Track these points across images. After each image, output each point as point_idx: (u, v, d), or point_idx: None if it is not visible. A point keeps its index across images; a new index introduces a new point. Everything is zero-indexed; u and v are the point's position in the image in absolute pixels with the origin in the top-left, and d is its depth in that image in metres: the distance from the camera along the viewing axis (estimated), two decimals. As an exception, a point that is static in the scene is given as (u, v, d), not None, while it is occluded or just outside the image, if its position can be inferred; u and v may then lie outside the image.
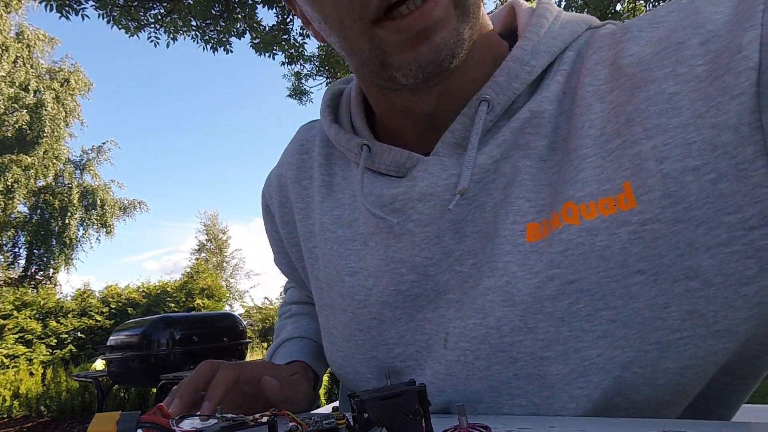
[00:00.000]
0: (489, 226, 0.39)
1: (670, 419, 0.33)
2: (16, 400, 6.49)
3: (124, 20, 5.38)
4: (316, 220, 0.51)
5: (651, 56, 0.33)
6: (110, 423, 0.30)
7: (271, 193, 0.58)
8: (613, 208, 0.32)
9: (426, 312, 0.42)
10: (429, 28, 0.33)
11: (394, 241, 0.43)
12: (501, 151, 0.39)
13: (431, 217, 0.41)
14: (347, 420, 0.36)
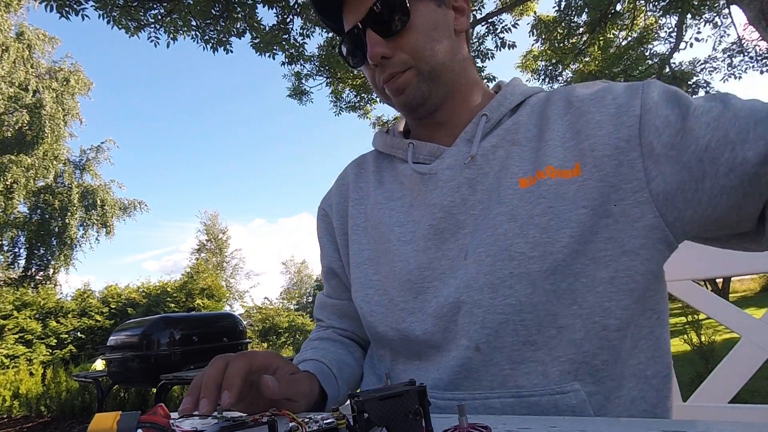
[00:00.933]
0: (493, 185, 0.62)
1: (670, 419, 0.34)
2: (16, 400, 6.49)
3: (124, 20, 5.37)
4: (369, 203, 0.75)
5: (588, 99, 0.61)
6: (110, 423, 0.30)
7: (330, 201, 0.82)
8: (569, 174, 0.58)
9: (449, 243, 0.63)
10: (398, 89, 0.67)
11: (429, 192, 0.66)
12: (496, 141, 0.65)
13: (453, 176, 0.65)
14: (347, 420, 0.36)
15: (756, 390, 3.17)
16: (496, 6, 8.22)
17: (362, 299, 0.70)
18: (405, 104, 0.68)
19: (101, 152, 16.70)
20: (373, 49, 0.64)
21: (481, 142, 0.65)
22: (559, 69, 10.25)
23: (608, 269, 0.54)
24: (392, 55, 0.65)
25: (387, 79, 0.67)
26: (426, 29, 0.65)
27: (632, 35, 9.65)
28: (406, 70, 0.65)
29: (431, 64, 0.65)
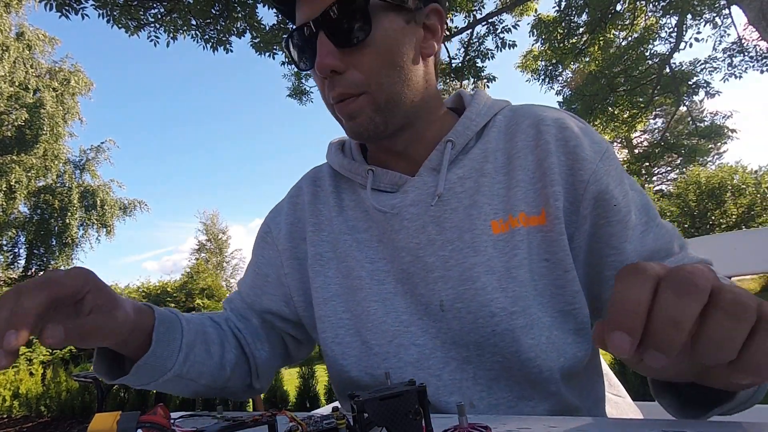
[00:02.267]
0: (463, 222, 0.58)
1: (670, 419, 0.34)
2: (16, 400, 6.49)
3: (124, 19, 5.37)
4: (332, 230, 0.67)
5: (553, 138, 0.58)
6: (110, 423, 0.30)
7: (279, 219, 0.73)
8: (535, 221, 0.57)
9: (420, 288, 0.59)
10: (349, 114, 0.58)
11: (395, 233, 0.61)
12: (464, 172, 0.60)
13: (418, 215, 0.60)
14: (347, 420, 0.36)
15: (756, 390, 3.17)
16: (496, 6, 8.23)
17: (332, 340, 0.63)
18: (355, 132, 0.60)
19: (101, 152, 16.70)
20: (323, 59, 0.54)
21: (447, 173, 0.60)
22: (559, 69, 10.25)
23: (575, 321, 0.57)
24: (344, 70, 0.55)
25: (337, 99, 0.57)
26: (388, 48, 0.56)
27: (632, 35, 9.65)
28: (360, 94, 0.56)
29: (388, 93, 0.57)
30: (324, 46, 0.54)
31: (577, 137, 0.58)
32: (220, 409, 0.45)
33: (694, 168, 12.54)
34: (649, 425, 0.32)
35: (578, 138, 0.58)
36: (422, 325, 0.58)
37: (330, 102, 0.60)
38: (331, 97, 0.58)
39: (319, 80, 0.60)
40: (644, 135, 20.14)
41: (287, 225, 0.71)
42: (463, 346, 0.56)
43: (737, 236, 1.06)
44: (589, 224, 0.56)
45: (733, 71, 9.42)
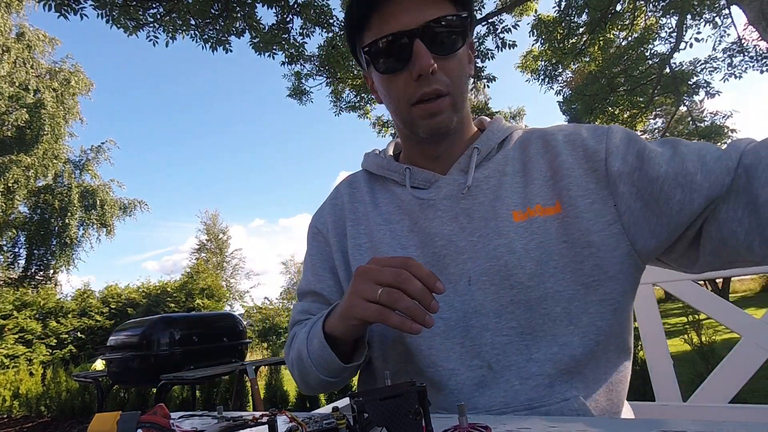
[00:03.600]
0: (488, 213, 0.68)
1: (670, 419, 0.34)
2: (16, 400, 6.49)
3: (123, 20, 5.36)
4: (368, 223, 0.77)
5: (561, 141, 0.70)
6: (110, 423, 0.30)
7: (325, 219, 0.83)
8: (551, 211, 0.66)
9: (451, 268, 0.67)
10: (436, 113, 0.69)
11: (429, 221, 0.71)
12: (488, 172, 0.71)
13: (451, 206, 0.71)
14: (347, 420, 0.36)
15: (756, 390, 3.17)
16: (496, 6, 8.22)
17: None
18: (434, 128, 0.70)
19: (101, 152, 16.70)
20: (426, 61, 0.64)
21: (474, 173, 0.71)
22: (559, 69, 10.25)
23: (597, 293, 0.63)
24: (436, 72, 0.66)
25: (429, 94, 0.66)
26: (463, 62, 0.70)
27: (632, 35, 9.65)
28: (445, 95, 0.67)
29: (461, 97, 0.70)
30: (424, 50, 0.64)
31: (580, 135, 0.70)
32: (220, 409, 0.45)
33: (694, 168, 12.45)
34: (649, 425, 0.32)
35: (582, 135, 0.70)
36: (449, 301, 0.66)
37: (413, 101, 0.68)
38: (420, 94, 0.67)
39: (402, 83, 0.68)
40: (644, 135, 20.14)
41: (332, 223, 0.81)
42: (483, 315, 0.64)
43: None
44: (625, 186, 0.63)
45: (733, 71, 9.42)
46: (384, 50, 0.67)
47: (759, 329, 1.06)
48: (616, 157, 0.64)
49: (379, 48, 0.67)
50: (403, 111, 0.71)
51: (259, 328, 13.43)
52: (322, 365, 0.65)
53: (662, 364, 1.21)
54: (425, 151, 0.76)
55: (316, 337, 0.65)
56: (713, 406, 1.05)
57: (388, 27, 0.66)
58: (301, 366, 0.69)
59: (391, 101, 0.72)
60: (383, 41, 0.66)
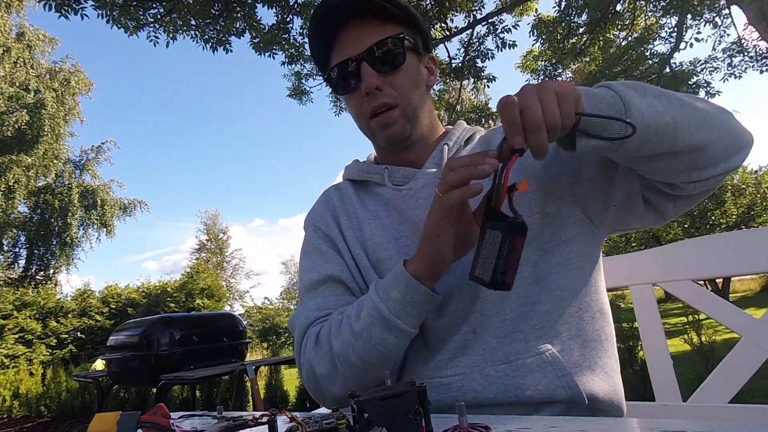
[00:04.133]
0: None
1: (670, 419, 0.34)
2: (16, 400, 6.49)
3: (123, 20, 5.36)
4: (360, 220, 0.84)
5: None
6: (110, 423, 0.30)
7: (322, 215, 0.89)
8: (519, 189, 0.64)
9: None
10: (389, 123, 0.78)
11: (412, 210, 0.79)
12: None
13: (429, 194, 0.76)
14: (347, 420, 0.36)
15: (756, 390, 3.17)
16: (496, 6, 8.22)
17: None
18: (389, 137, 0.79)
19: (101, 152, 16.70)
20: (369, 80, 0.75)
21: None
22: (559, 69, 10.25)
23: (555, 255, 0.72)
24: (383, 88, 0.76)
25: (378, 108, 0.77)
26: (412, 75, 0.79)
27: (632, 35, 9.65)
28: (394, 107, 0.77)
29: (413, 107, 0.79)
30: (368, 71, 0.75)
31: None
32: (220, 408, 0.45)
33: (694, 168, 12.45)
34: (649, 425, 0.32)
35: None
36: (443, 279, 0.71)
37: (367, 116, 0.78)
38: (369, 110, 0.77)
39: (356, 102, 0.80)
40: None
41: (330, 218, 0.88)
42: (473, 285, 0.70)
43: (737, 236, 1.07)
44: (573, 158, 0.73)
45: (732, 71, 9.42)
46: (339, 76, 0.80)
47: (759, 329, 1.06)
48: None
49: (336, 74, 0.80)
50: (364, 125, 0.82)
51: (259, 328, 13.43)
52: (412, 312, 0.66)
53: (662, 364, 1.21)
54: (397, 157, 0.85)
55: (395, 287, 0.66)
56: (713, 406, 1.05)
57: (339, 56, 0.79)
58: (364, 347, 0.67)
59: (354, 117, 0.83)
60: (336, 69, 0.79)
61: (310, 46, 0.83)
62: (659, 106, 0.60)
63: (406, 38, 0.78)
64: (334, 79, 0.81)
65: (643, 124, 0.58)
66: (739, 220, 11.34)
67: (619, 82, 0.62)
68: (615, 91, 0.59)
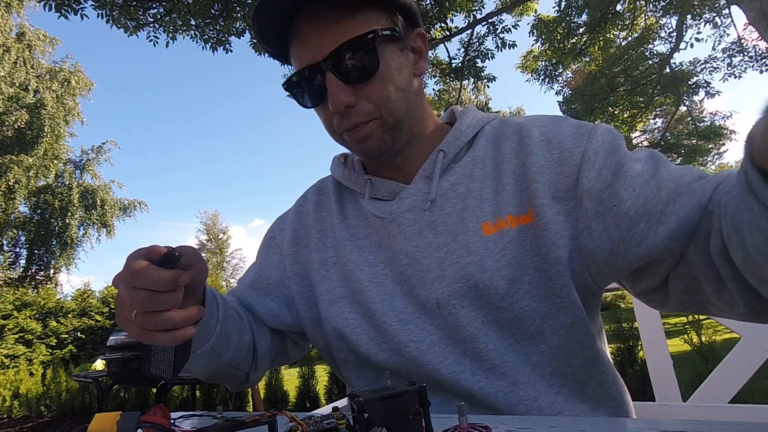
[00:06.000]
0: (456, 225, 0.62)
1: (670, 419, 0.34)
2: (16, 400, 6.49)
3: (123, 20, 5.37)
4: (335, 237, 0.72)
5: (537, 139, 0.62)
6: (110, 423, 0.30)
7: (284, 226, 0.78)
8: (525, 220, 0.60)
9: (417, 289, 0.63)
10: (362, 138, 0.63)
11: (393, 239, 0.66)
12: (455, 178, 0.65)
13: (414, 219, 0.65)
14: (347, 420, 0.36)
15: (756, 390, 3.17)
16: (496, 6, 8.22)
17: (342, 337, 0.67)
18: (367, 153, 0.65)
19: (102, 153, 16.69)
20: (337, 97, 0.59)
21: (439, 181, 0.65)
22: (559, 69, 10.25)
23: (567, 315, 0.59)
24: (356, 104, 0.60)
25: (350, 128, 0.62)
26: (392, 77, 0.61)
27: (632, 35, 9.65)
28: (371, 120, 0.62)
29: (396, 115, 0.63)
30: (335, 85, 0.59)
31: (559, 133, 0.62)
32: (220, 409, 0.45)
33: (694, 168, 12.48)
34: (649, 425, 0.32)
35: (560, 134, 0.62)
36: (420, 324, 0.62)
37: (339, 132, 0.64)
38: (343, 128, 0.63)
39: (325, 115, 0.65)
40: (644, 135, 20.13)
41: (291, 231, 0.76)
42: (459, 341, 0.60)
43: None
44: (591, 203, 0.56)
45: (732, 71, 9.42)
46: (300, 85, 0.64)
47: (759, 329, 1.06)
48: (591, 167, 0.57)
49: (296, 84, 0.64)
50: (338, 138, 0.67)
51: (259, 328, 13.40)
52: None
53: (662, 364, 1.21)
54: (386, 162, 0.69)
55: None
56: (713, 406, 1.05)
57: (299, 61, 0.62)
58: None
59: (326, 129, 0.67)
60: (296, 78, 0.63)
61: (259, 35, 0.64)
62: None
63: (378, 34, 0.59)
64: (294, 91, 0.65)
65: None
66: (739, 220, 11.29)
67: None
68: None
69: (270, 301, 0.73)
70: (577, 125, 0.62)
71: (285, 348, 0.78)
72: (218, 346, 0.61)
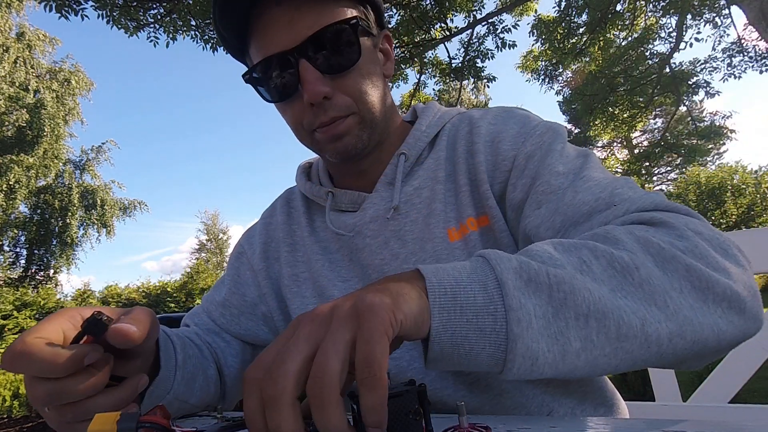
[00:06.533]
0: (423, 232, 0.60)
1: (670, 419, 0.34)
2: (16, 400, 6.48)
3: (123, 20, 5.37)
4: (306, 251, 0.68)
5: (482, 139, 0.61)
6: (110, 423, 0.30)
7: (253, 240, 0.74)
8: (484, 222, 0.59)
9: None
10: (340, 135, 0.57)
11: (360, 253, 0.63)
12: (419, 182, 0.62)
13: (379, 231, 0.61)
14: (347, 420, 0.36)
15: (756, 390, 3.17)
16: (496, 6, 8.22)
17: None
18: (341, 152, 0.59)
19: (101, 153, 16.69)
20: (315, 88, 0.53)
21: (402, 186, 0.61)
22: (559, 69, 10.25)
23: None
24: (332, 96, 0.55)
25: (327, 122, 0.56)
26: (369, 71, 0.58)
27: (632, 35, 9.65)
28: (349, 115, 0.57)
29: (373, 111, 0.58)
30: (311, 74, 0.53)
31: (502, 132, 0.60)
32: (221, 408, 0.45)
33: (694, 168, 12.54)
34: (648, 425, 0.32)
35: (503, 132, 0.60)
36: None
37: (310, 129, 0.58)
38: (318, 123, 0.57)
39: (297, 111, 0.58)
40: (644, 135, 20.13)
41: (261, 245, 0.72)
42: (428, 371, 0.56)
43: (737, 236, 1.06)
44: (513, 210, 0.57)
45: (732, 71, 9.42)
46: (266, 76, 0.56)
47: (759, 329, 1.06)
48: (519, 174, 0.56)
49: (260, 74, 0.57)
50: (306, 138, 0.60)
51: (259, 328, 13.39)
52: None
53: (662, 364, 1.20)
54: (346, 167, 0.66)
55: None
56: (713, 406, 1.05)
57: (263, 46, 0.55)
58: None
59: (292, 128, 0.62)
60: (262, 66, 0.56)
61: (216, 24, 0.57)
62: (575, 341, 0.34)
63: (360, 22, 0.55)
64: (258, 82, 0.58)
65: (544, 376, 0.35)
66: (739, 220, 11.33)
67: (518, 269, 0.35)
68: (504, 293, 0.34)
69: (246, 320, 0.69)
70: (522, 123, 0.60)
71: None
72: (181, 394, 0.53)
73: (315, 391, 0.27)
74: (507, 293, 0.33)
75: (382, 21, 0.63)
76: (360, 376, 0.27)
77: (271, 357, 0.30)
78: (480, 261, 0.37)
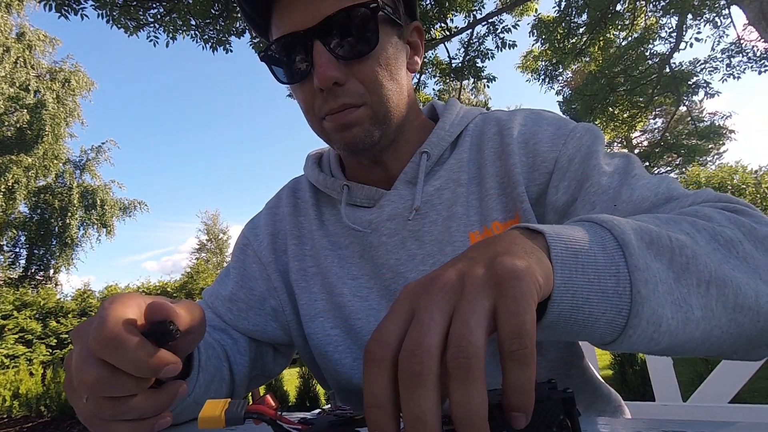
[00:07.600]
0: (443, 234, 0.58)
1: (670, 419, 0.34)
2: (16, 400, 6.48)
3: (123, 20, 5.37)
4: (314, 245, 0.66)
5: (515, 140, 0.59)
6: (219, 410, 0.30)
7: (258, 231, 0.70)
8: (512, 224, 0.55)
9: None
10: (349, 125, 0.55)
11: (374, 251, 0.61)
12: (440, 183, 0.60)
13: (396, 230, 0.60)
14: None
15: (756, 390, 3.17)
16: (496, 6, 8.22)
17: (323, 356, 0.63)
18: (348, 144, 0.56)
19: (101, 153, 16.69)
20: (326, 72, 0.51)
21: (423, 186, 0.59)
22: (559, 69, 10.25)
23: None
24: (345, 82, 0.53)
25: (337, 110, 0.54)
26: (387, 61, 0.55)
27: (632, 35, 9.65)
28: (361, 105, 0.54)
29: (387, 105, 0.56)
30: (324, 57, 0.51)
31: (536, 133, 0.59)
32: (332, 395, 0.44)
33: (694, 168, 12.52)
34: (648, 425, 0.32)
35: (538, 135, 0.59)
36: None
37: (321, 115, 0.56)
38: (327, 110, 0.55)
39: (305, 94, 0.57)
40: (644, 135, 20.13)
41: (268, 236, 0.69)
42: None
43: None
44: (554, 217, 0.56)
45: (731, 72, 9.42)
46: (280, 56, 0.55)
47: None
48: (562, 177, 0.55)
49: (275, 53, 0.55)
50: (316, 125, 0.58)
51: (259, 328, 13.39)
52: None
53: (662, 364, 1.21)
54: (367, 161, 0.63)
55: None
56: (713, 406, 1.05)
57: (283, 26, 0.54)
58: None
59: (303, 111, 0.59)
60: (276, 45, 0.55)
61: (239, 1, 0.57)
62: (696, 309, 0.33)
63: (381, 7, 0.53)
64: (271, 60, 0.57)
65: (660, 346, 0.33)
66: (739, 220, 11.30)
67: (638, 231, 0.33)
68: (628, 262, 0.31)
69: (254, 315, 0.66)
70: (557, 125, 0.59)
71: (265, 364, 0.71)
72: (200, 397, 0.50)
73: (461, 364, 0.24)
74: (632, 254, 0.31)
75: (414, 12, 0.61)
76: (509, 348, 0.24)
77: (395, 331, 0.26)
78: (587, 224, 0.34)
